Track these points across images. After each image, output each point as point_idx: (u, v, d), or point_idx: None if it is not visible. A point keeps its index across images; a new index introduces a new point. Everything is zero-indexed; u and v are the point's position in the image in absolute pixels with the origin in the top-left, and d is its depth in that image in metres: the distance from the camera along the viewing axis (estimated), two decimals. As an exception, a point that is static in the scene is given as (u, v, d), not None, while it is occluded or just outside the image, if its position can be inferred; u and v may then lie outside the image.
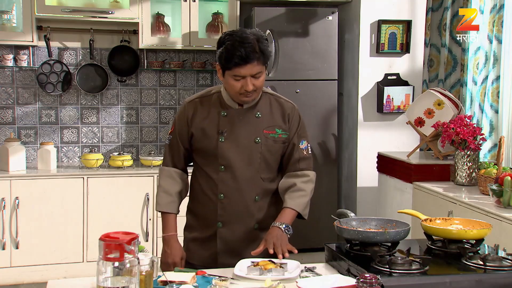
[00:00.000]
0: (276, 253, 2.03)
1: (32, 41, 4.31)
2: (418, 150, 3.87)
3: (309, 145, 2.28)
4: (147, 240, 4.26)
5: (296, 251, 2.07)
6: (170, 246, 2.24)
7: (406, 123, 3.87)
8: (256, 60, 2.06)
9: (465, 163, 3.28)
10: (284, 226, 2.13)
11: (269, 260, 1.94)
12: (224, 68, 2.10)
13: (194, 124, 2.21)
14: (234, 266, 2.04)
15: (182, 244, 2.31)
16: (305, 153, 2.25)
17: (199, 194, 2.26)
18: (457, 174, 3.32)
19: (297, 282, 1.77)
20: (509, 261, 1.82)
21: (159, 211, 2.28)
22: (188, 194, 2.35)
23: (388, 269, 1.75)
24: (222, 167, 2.17)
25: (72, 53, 4.64)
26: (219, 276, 1.86)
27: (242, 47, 2.03)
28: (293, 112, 2.26)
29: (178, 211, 2.30)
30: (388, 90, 4.35)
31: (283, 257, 2.02)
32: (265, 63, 2.12)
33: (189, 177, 2.35)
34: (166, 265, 2.21)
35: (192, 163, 2.33)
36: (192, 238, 2.29)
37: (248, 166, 2.18)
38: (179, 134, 2.25)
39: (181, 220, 2.34)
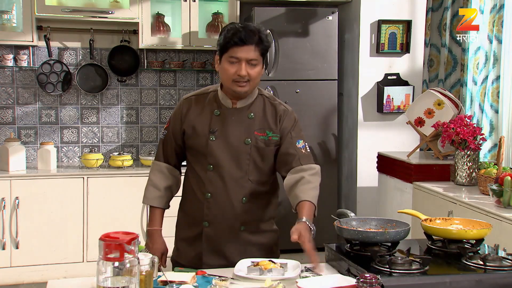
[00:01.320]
0: (302, 243, 1.91)
1: (32, 41, 4.31)
2: (418, 150, 3.87)
3: (306, 144, 2.24)
4: (147, 240, 4.26)
5: (315, 258, 1.90)
6: (152, 240, 2.25)
7: (406, 123, 3.87)
8: (254, 45, 2.08)
9: (465, 163, 3.28)
10: (309, 222, 2.02)
11: (269, 260, 1.94)
12: (221, 51, 2.11)
13: (186, 121, 2.21)
14: (218, 267, 2.05)
15: (174, 243, 2.32)
16: (303, 151, 2.20)
17: (189, 193, 2.26)
18: (457, 174, 3.32)
19: (297, 282, 1.77)
20: (509, 261, 1.82)
21: (145, 204, 2.30)
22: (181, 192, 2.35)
23: (388, 269, 1.75)
24: (211, 166, 2.16)
25: (72, 53, 4.64)
26: (219, 276, 1.86)
27: (242, 30, 2.08)
28: (285, 114, 2.21)
29: (168, 206, 2.31)
30: (388, 90, 4.35)
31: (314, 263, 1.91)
32: (263, 55, 2.13)
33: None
34: None
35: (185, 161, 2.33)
36: (181, 237, 2.29)
37: (236, 167, 2.16)
38: (173, 130, 2.26)
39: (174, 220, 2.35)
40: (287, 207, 2.76)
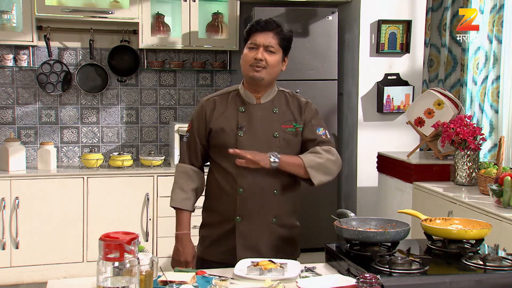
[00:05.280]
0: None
1: (32, 41, 4.31)
2: (418, 150, 3.87)
3: (327, 131, 2.31)
4: (147, 240, 4.26)
5: (249, 156, 2.08)
6: (183, 244, 2.25)
7: (406, 123, 3.87)
8: (274, 33, 2.19)
9: (465, 163, 3.28)
10: (272, 153, 2.13)
11: (269, 260, 1.94)
12: (245, 41, 2.23)
13: (212, 120, 2.24)
14: None
15: (198, 242, 2.33)
16: (324, 137, 2.29)
17: (216, 190, 2.27)
18: (457, 174, 3.32)
19: (297, 282, 1.77)
20: (509, 261, 1.82)
21: (173, 207, 2.29)
22: (203, 192, 2.36)
23: (388, 269, 1.75)
24: None
25: (72, 53, 4.64)
26: (219, 276, 1.86)
27: (264, 19, 2.22)
28: (307, 105, 2.32)
29: (193, 209, 2.31)
30: (388, 90, 4.35)
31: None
32: (283, 46, 2.23)
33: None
34: (178, 263, 2.23)
35: (208, 163, 2.35)
36: (209, 236, 2.29)
37: None
38: (197, 131, 2.28)
39: (196, 219, 2.35)
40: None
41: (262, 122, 2.22)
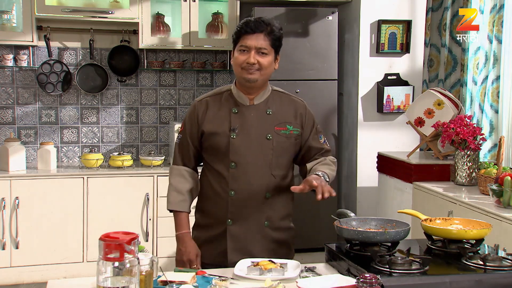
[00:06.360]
0: (316, 192, 2.00)
1: (32, 41, 4.30)
2: (418, 150, 3.88)
3: (325, 139, 2.37)
4: (147, 240, 4.26)
5: (334, 194, 2.03)
6: (184, 244, 2.23)
7: (406, 123, 3.87)
8: (264, 34, 2.14)
9: (465, 163, 3.28)
10: (321, 173, 2.14)
11: (269, 260, 1.94)
12: (234, 43, 2.20)
13: (205, 122, 2.22)
14: None
15: None
16: (326, 146, 2.34)
17: (209, 192, 2.25)
18: (457, 174, 3.32)
19: (297, 282, 1.77)
20: (509, 261, 1.82)
21: (170, 210, 2.28)
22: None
23: (388, 269, 1.75)
24: (233, 163, 2.17)
25: (72, 53, 4.64)
26: (219, 276, 1.86)
27: (253, 20, 2.16)
28: (305, 111, 2.30)
29: (190, 210, 2.29)
30: (388, 90, 4.35)
31: (323, 198, 2.00)
32: (274, 46, 2.18)
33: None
34: (181, 263, 2.21)
35: (202, 163, 2.33)
36: (202, 236, 2.28)
37: (259, 162, 2.18)
38: (189, 133, 2.26)
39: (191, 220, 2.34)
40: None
41: (255, 123, 2.20)
